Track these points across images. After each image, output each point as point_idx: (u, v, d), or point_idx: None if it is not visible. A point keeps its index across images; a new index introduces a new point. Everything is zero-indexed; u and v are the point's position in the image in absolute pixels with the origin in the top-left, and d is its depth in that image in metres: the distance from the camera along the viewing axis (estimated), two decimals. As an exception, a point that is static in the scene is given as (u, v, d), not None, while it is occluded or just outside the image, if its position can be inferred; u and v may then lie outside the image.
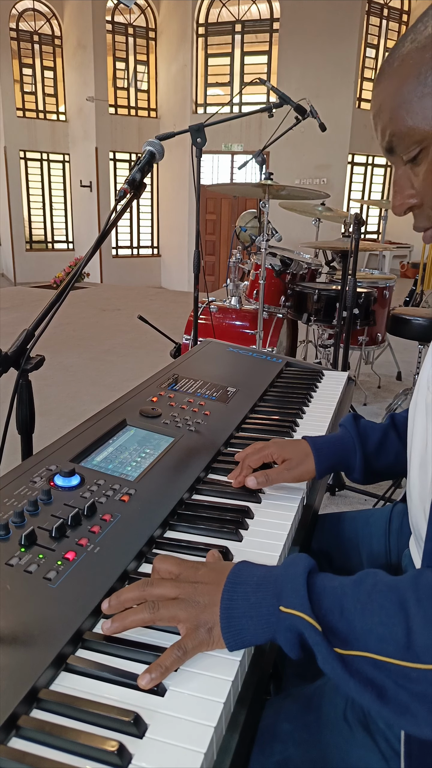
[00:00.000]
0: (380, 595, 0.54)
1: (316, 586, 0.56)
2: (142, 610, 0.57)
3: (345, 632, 0.53)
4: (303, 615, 0.54)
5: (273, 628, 0.56)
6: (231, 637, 0.56)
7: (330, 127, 3.22)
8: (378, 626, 0.52)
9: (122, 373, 4.37)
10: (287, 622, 0.55)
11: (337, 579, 0.58)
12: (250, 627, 0.56)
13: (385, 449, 0.95)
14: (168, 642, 0.57)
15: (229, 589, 0.58)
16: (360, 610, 0.53)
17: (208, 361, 1.44)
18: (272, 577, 0.59)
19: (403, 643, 0.50)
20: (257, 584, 0.58)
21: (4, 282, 12.57)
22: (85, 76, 11.75)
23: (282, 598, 0.56)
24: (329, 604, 0.55)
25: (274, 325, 3.17)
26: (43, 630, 0.55)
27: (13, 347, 1.03)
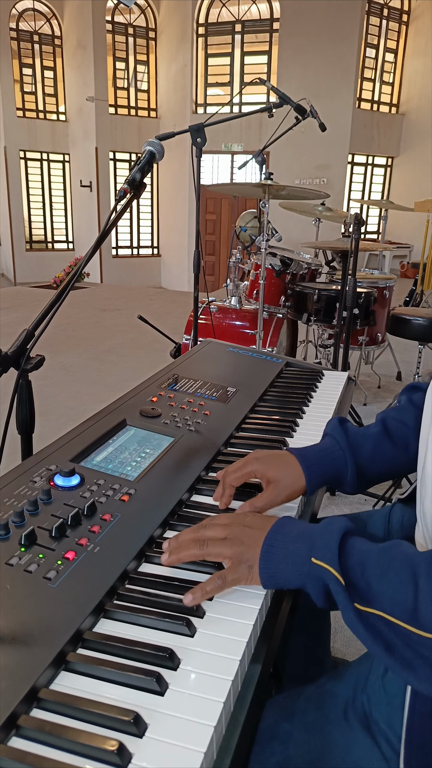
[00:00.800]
0: (398, 563, 0.59)
1: (347, 545, 0.62)
2: (194, 547, 0.67)
3: (364, 590, 0.58)
4: (330, 568, 0.60)
5: (304, 576, 0.62)
6: (267, 577, 0.64)
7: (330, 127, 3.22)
8: (391, 591, 0.57)
9: (122, 373, 4.38)
10: (316, 572, 0.61)
11: (368, 544, 0.63)
12: (285, 571, 0.64)
13: (379, 458, 0.90)
14: (168, 642, 0.57)
15: (271, 536, 0.66)
16: (379, 573, 0.59)
17: (208, 361, 1.44)
18: (311, 532, 0.65)
19: (410, 611, 0.55)
20: (296, 536, 0.65)
21: (4, 282, 12.58)
22: (85, 76, 11.75)
23: (314, 551, 0.62)
24: (354, 563, 0.60)
25: (274, 325, 3.17)
26: (43, 630, 0.55)
27: (13, 347, 1.03)
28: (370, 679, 0.69)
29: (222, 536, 0.67)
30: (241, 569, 0.64)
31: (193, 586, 0.65)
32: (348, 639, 1.73)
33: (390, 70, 11.51)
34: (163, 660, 0.55)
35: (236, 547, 0.66)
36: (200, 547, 0.66)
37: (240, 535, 0.67)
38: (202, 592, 0.62)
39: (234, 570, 0.64)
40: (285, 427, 1.11)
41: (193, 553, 0.67)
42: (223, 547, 0.66)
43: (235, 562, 0.65)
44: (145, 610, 0.61)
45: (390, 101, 11.61)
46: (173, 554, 0.67)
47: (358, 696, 0.68)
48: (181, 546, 0.68)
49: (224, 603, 0.64)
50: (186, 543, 0.68)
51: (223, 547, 0.66)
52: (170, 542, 0.69)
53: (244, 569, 0.64)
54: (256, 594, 0.66)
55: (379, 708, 0.66)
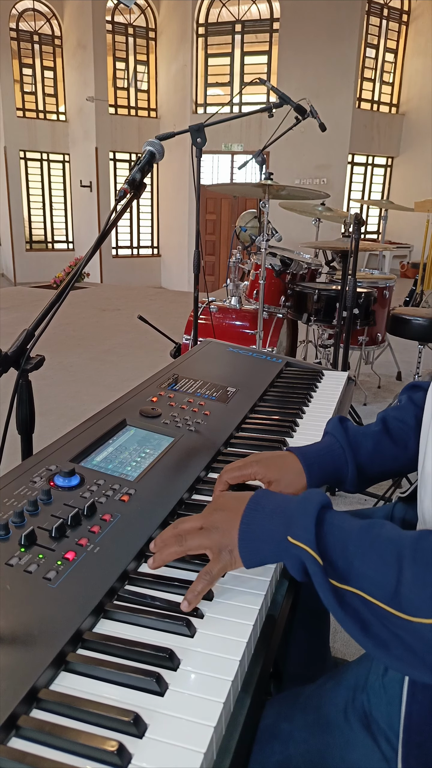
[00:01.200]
0: (382, 545, 0.58)
1: (326, 522, 0.62)
2: (173, 544, 0.66)
3: (343, 569, 0.58)
4: (307, 548, 0.60)
5: (282, 553, 0.63)
6: (247, 556, 0.64)
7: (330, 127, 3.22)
8: (373, 571, 0.57)
9: (122, 373, 4.38)
10: (293, 551, 0.61)
11: (348, 520, 0.62)
12: (263, 549, 0.64)
13: (379, 456, 0.90)
14: (167, 642, 0.57)
15: (247, 514, 0.66)
16: (361, 553, 0.58)
17: (208, 361, 1.44)
18: (287, 507, 0.65)
19: (392, 593, 0.55)
20: (272, 512, 0.65)
21: (4, 282, 12.58)
22: (85, 76, 11.75)
23: (291, 529, 0.62)
24: (333, 541, 0.60)
25: (274, 325, 3.16)
26: (43, 630, 0.55)
27: (13, 347, 1.03)
28: (370, 679, 0.69)
29: (198, 526, 0.67)
30: (223, 557, 0.65)
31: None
32: (348, 639, 1.73)
33: (390, 70, 11.51)
34: (162, 660, 0.55)
35: (213, 535, 0.66)
36: (179, 543, 0.66)
37: (215, 522, 0.67)
38: (193, 595, 0.62)
39: (217, 560, 0.64)
40: (285, 427, 1.11)
41: (174, 551, 0.66)
42: (201, 538, 0.66)
43: (215, 552, 0.65)
44: (145, 611, 0.61)
45: (390, 101, 11.61)
46: (157, 556, 0.67)
47: (358, 696, 0.68)
48: (163, 545, 0.68)
49: (224, 603, 0.64)
50: (167, 540, 0.68)
51: (201, 538, 0.66)
52: (156, 540, 0.69)
53: (226, 555, 0.65)
54: (256, 594, 0.66)
55: (379, 708, 0.66)
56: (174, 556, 0.67)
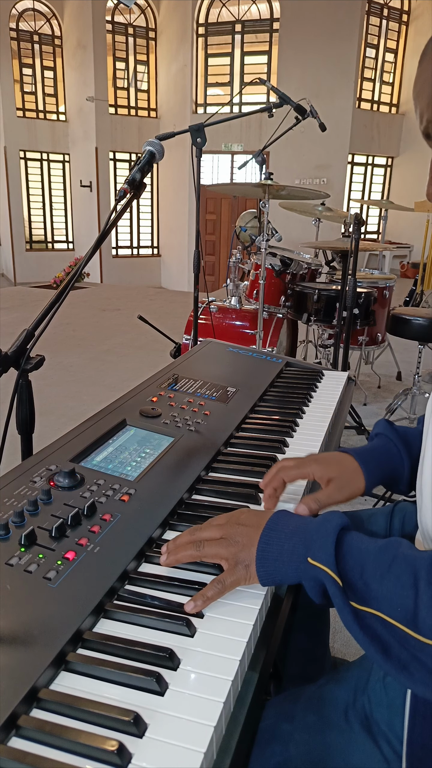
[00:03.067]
0: (399, 566, 0.58)
1: (345, 544, 0.61)
2: (191, 548, 0.67)
3: (362, 591, 0.58)
4: (327, 569, 0.59)
5: (301, 574, 0.62)
6: (264, 575, 0.64)
7: (330, 127, 3.22)
8: (391, 593, 0.56)
9: (122, 373, 4.37)
10: (312, 573, 0.61)
11: (365, 541, 0.62)
12: (281, 569, 0.63)
13: None
14: (167, 642, 0.57)
15: (266, 534, 0.66)
16: (379, 575, 0.58)
17: (208, 361, 1.44)
18: (306, 529, 0.65)
19: (410, 615, 0.55)
20: (292, 533, 0.65)
21: (4, 282, 12.57)
22: (85, 76, 11.75)
23: (311, 551, 0.62)
24: (353, 563, 0.60)
25: (274, 325, 3.16)
26: (43, 630, 0.55)
27: (13, 347, 1.03)
28: (371, 681, 0.69)
29: (218, 536, 0.67)
30: (238, 570, 0.64)
31: (193, 585, 0.65)
32: (348, 639, 1.73)
33: (390, 70, 11.50)
34: (163, 660, 0.55)
35: (232, 547, 0.66)
36: (197, 548, 0.67)
37: (235, 534, 0.67)
38: (203, 599, 0.62)
39: (232, 572, 0.64)
40: (285, 427, 1.11)
41: (190, 554, 0.67)
42: (219, 547, 0.66)
43: (231, 564, 0.65)
44: (145, 610, 0.61)
45: (390, 101, 11.61)
46: (171, 555, 0.68)
47: (359, 697, 0.68)
48: (178, 548, 0.68)
49: (224, 603, 0.64)
50: (183, 545, 0.68)
51: (219, 548, 0.66)
52: (168, 545, 0.69)
53: (242, 570, 0.64)
54: (256, 594, 0.66)
55: (379, 709, 0.66)
56: (189, 559, 0.67)
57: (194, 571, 0.68)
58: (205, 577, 0.67)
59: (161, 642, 0.57)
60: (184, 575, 0.68)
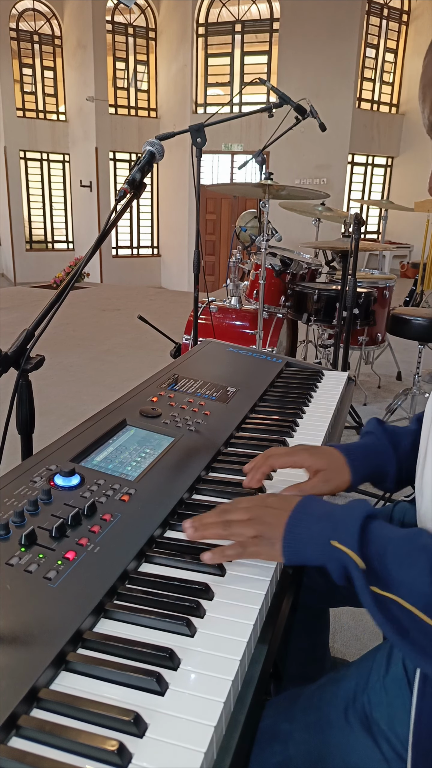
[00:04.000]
0: (418, 554, 0.59)
1: (369, 530, 0.63)
2: (218, 527, 0.69)
3: (383, 576, 0.60)
4: (351, 553, 0.61)
5: (326, 556, 0.64)
6: (290, 553, 0.66)
7: (330, 127, 3.22)
8: (410, 579, 0.58)
9: (122, 373, 4.38)
10: (337, 555, 0.63)
11: (389, 529, 0.64)
12: (307, 551, 0.66)
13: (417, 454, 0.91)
14: (168, 642, 0.57)
15: (295, 516, 0.68)
16: (398, 562, 0.60)
17: (208, 361, 1.44)
18: (334, 514, 0.67)
19: (427, 601, 0.57)
20: (320, 517, 0.67)
21: (4, 282, 12.57)
22: (85, 76, 11.75)
23: (336, 534, 0.64)
24: (375, 549, 0.62)
25: (274, 325, 3.16)
26: (43, 630, 0.55)
27: (13, 347, 1.03)
28: (371, 680, 0.69)
29: (245, 518, 0.69)
30: (264, 543, 0.67)
31: (193, 585, 0.65)
32: (348, 639, 1.73)
33: (390, 70, 11.50)
34: (163, 660, 0.55)
35: (259, 526, 0.67)
36: (224, 528, 0.68)
37: (263, 516, 0.68)
38: (221, 554, 0.65)
39: (257, 542, 0.67)
40: (285, 427, 1.11)
41: (218, 533, 0.69)
42: (246, 527, 0.68)
43: (258, 537, 0.67)
44: (145, 610, 0.61)
45: (390, 101, 11.61)
46: (198, 530, 0.69)
47: (359, 697, 0.68)
48: (206, 526, 0.69)
49: (225, 603, 0.64)
50: (210, 524, 0.69)
51: (246, 528, 0.68)
52: (194, 521, 0.70)
53: (267, 545, 0.67)
54: (256, 594, 0.66)
55: (379, 709, 0.66)
56: (216, 537, 0.69)
57: (195, 571, 0.68)
58: (205, 577, 0.67)
59: (161, 642, 0.57)
60: (184, 575, 0.68)
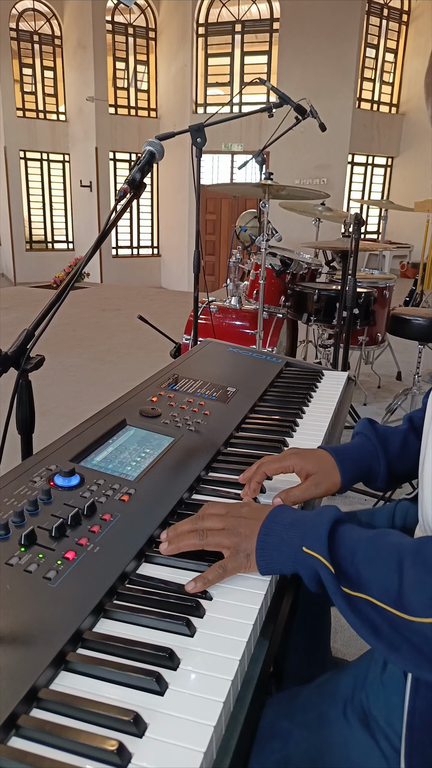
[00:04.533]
0: (386, 552, 0.61)
1: (338, 534, 0.65)
2: (194, 537, 0.69)
3: (353, 577, 0.61)
4: (320, 557, 0.63)
5: (297, 563, 0.65)
6: (263, 564, 0.67)
7: (330, 127, 3.22)
8: (379, 577, 0.60)
9: (122, 373, 4.37)
10: (308, 561, 0.64)
11: (358, 531, 0.66)
12: (279, 559, 0.66)
13: (408, 453, 0.92)
14: (168, 642, 0.57)
15: (266, 525, 0.69)
16: (368, 561, 0.62)
17: (208, 361, 1.44)
18: (303, 521, 0.68)
19: (396, 596, 0.58)
20: (289, 525, 0.68)
21: (4, 282, 12.57)
22: (85, 76, 11.75)
23: (306, 540, 0.65)
24: (344, 552, 0.63)
25: (274, 325, 3.16)
26: (43, 629, 0.55)
27: (13, 347, 1.03)
28: (369, 677, 0.69)
29: (220, 527, 0.70)
30: (239, 558, 0.67)
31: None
32: (348, 639, 1.73)
33: (390, 70, 11.50)
34: (163, 660, 0.55)
35: (234, 537, 0.68)
36: (200, 538, 0.69)
37: (237, 526, 0.69)
38: (204, 581, 0.64)
39: (233, 559, 0.67)
40: (285, 427, 1.11)
41: (193, 543, 0.69)
42: (221, 537, 0.69)
43: (233, 552, 0.67)
44: (145, 610, 0.61)
45: (390, 101, 11.61)
46: (173, 543, 0.70)
47: (357, 694, 0.68)
48: (180, 536, 0.70)
49: (224, 603, 0.64)
50: (185, 534, 0.70)
51: (221, 538, 0.69)
52: (168, 532, 0.71)
53: (243, 558, 0.67)
54: (256, 594, 0.66)
55: (377, 706, 0.66)
56: (191, 547, 0.69)
57: (195, 571, 0.68)
58: (205, 576, 0.67)
59: (161, 642, 0.57)
60: (185, 575, 0.68)
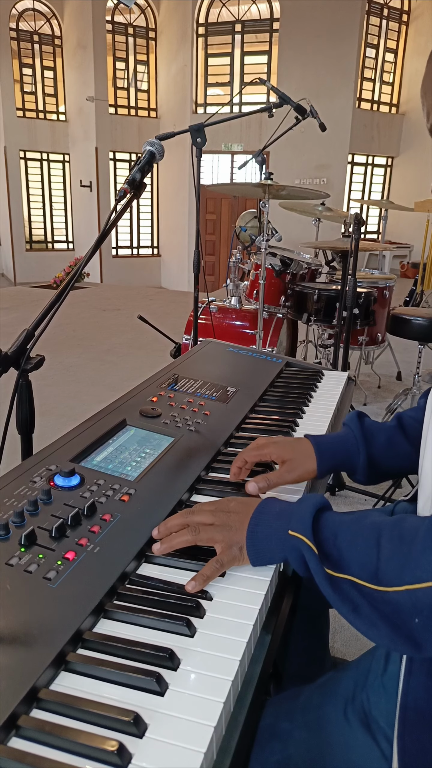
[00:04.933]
0: (367, 530, 0.63)
1: (322, 518, 0.67)
2: (186, 533, 0.70)
3: (336, 557, 0.63)
4: (304, 538, 0.64)
5: (286, 548, 0.66)
6: (254, 554, 0.68)
7: (330, 127, 3.22)
8: (359, 555, 0.62)
9: (122, 373, 4.38)
10: (293, 543, 0.65)
11: (340, 515, 0.68)
12: (269, 547, 0.68)
13: (392, 451, 0.94)
14: (168, 642, 0.57)
15: (255, 517, 0.70)
16: (349, 540, 0.64)
17: (208, 361, 1.44)
18: (289, 508, 0.70)
19: (373, 571, 0.60)
20: (277, 514, 0.70)
21: (4, 282, 12.57)
22: (85, 76, 11.75)
23: (291, 524, 0.67)
24: (327, 533, 0.65)
25: (274, 325, 3.17)
26: (43, 630, 0.55)
27: (13, 347, 1.03)
28: (370, 678, 0.69)
29: (210, 522, 0.71)
30: (233, 551, 0.68)
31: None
32: (348, 639, 1.73)
33: (390, 70, 11.50)
34: (163, 660, 0.55)
35: (225, 531, 0.70)
36: (193, 533, 0.70)
37: (227, 520, 0.71)
38: (203, 578, 0.65)
39: (227, 553, 0.68)
40: (285, 427, 1.11)
41: (186, 539, 0.70)
42: (213, 531, 0.70)
43: (226, 546, 0.69)
44: (145, 610, 0.61)
45: (390, 101, 11.61)
46: (165, 543, 0.70)
47: (358, 694, 0.68)
48: (172, 532, 0.71)
49: (224, 603, 0.64)
50: (176, 528, 0.71)
51: (213, 532, 0.70)
52: (159, 529, 0.72)
53: (236, 551, 0.68)
54: (256, 594, 0.66)
55: (378, 706, 0.66)
56: (185, 544, 0.70)
57: (195, 571, 0.68)
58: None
59: (161, 642, 0.57)
60: (184, 575, 0.68)
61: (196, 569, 0.68)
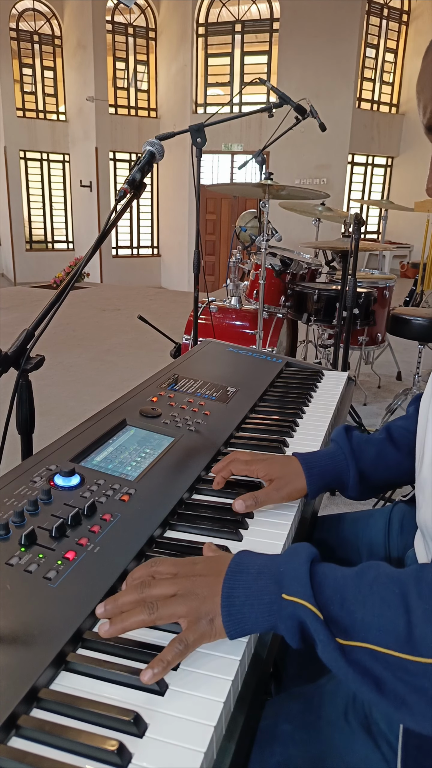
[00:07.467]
0: (382, 587, 0.54)
1: (318, 575, 0.56)
2: (141, 612, 0.56)
3: (346, 622, 0.53)
4: (305, 603, 0.54)
5: (275, 616, 0.56)
6: (232, 625, 0.56)
7: (330, 127, 3.22)
8: (378, 618, 0.52)
9: (122, 373, 4.37)
10: (289, 610, 0.55)
11: (339, 569, 0.58)
12: (252, 615, 0.56)
13: (383, 463, 0.92)
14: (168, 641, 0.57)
15: (230, 578, 0.58)
16: (361, 600, 0.53)
17: (208, 361, 1.44)
18: (274, 565, 0.59)
19: (404, 636, 0.50)
20: (258, 572, 0.59)
21: (4, 282, 12.57)
22: (85, 76, 11.75)
23: (284, 586, 0.56)
24: (330, 594, 0.55)
25: (274, 325, 3.16)
26: (43, 630, 0.55)
27: (13, 347, 1.03)
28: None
29: (171, 593, 0.58)
30: (201, 625, 0.56)
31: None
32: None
33: (390, 70, 11.50)
34: (163, 660, 0.55)
35: (190, 601, 0.57)
36: (149, 612, 0.56)
37: (192, 588, 0.58)
38: (163, 665, 0.52)
39: (194, 629, 0.56)
40: (285, 427, 1.11)
41: (141, 620, 0.56)
42: (175, 605, 0.57)
43: (193, 620, 0.56)
44: (145, 610, 0.61)
45: (390, 101, 11.61)
46: (116, 624, 0.56)
47: (358, 697, 0.68)
48: (124, 610, 0.58)
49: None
50: (130, 606, 0.58)
51: (175, 606, 0.57)
52: (107, 606, 0.58)
53: (205, 625, 0.56)
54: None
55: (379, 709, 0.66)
56: (140, 625, 0.57)
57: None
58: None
59: (162, 642, 0.57)
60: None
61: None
